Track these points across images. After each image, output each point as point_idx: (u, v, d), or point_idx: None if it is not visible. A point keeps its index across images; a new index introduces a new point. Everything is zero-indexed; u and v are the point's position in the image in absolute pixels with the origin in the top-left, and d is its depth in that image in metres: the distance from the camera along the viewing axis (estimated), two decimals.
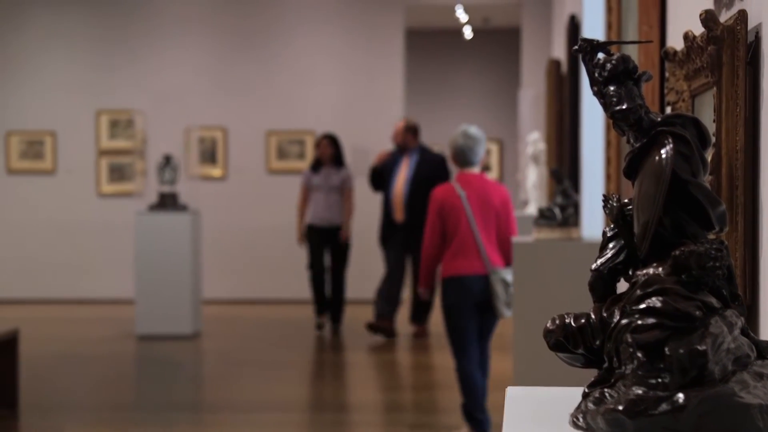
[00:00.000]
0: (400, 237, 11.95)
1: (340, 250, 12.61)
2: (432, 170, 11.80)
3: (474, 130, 7.42)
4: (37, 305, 14.98)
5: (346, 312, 13.02)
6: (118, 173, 15.47)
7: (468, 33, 23.12)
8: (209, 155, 15.41)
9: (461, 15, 20.83)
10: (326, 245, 12.57)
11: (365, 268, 15.17)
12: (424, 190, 11.11)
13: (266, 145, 15.45)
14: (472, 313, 7.10)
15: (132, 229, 12.63)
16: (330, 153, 12.53)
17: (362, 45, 15.45)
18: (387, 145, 15.46)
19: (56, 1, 15.56)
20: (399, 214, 11.88)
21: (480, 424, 7.25)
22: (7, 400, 8.28)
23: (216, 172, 15.44)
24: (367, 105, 15.37)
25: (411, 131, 12.04)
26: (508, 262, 7.12)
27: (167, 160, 12.33)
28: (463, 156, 7.31)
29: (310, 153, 15.46)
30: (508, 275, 7.01)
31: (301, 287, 15.20)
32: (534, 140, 9.68)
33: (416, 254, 11.54)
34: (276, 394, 9.12)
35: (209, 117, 15.33)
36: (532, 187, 9.52)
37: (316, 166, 12.64)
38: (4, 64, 15.50)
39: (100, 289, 15.40)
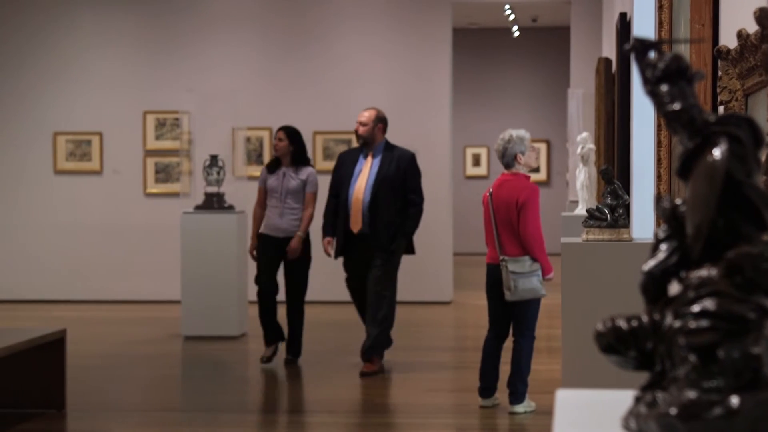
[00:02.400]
0: (358, 252, 9.92)
1: (297, 269, 10.39)
2: (399, 169, 9.82)
3: (507, 132, 8.22)
4: (84, 305, 15.07)
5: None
6: (164, 174, 15.55)
7: (516, 32, 23.08)
8: (256, 155, 15.45)
9: (509, 14, 20.81)
10: (279, 261, 10.43)
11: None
12: (390, 194, 9.75)
13: (313, 146, 15.46)
14: (494, 295, 8.19)
15: (178, 229, 12.68)
16: (286, 149, 10.41)
17: (410, 44, 15.43)
18: (439, 144, 15.45)
19: (103, 2, 15.66)
20: (356, 224, 9.78)
21: (481, 392, 8.35)
22: (54, 401, 8.33)
23: None
24: (414, 105, 15.35)
25: (382, 122, 10.01)
26: (527, 253, 8.03)
27: (213, 160, 12.35)
28: (500, 158, 8.22)
29: None
30: (513, 264, 7.99)
31: None
32: (583, 140, 9.63)
33: (383, 273, 9.86)
34: (323, 396, 9.12)
35: (256, 117, 15.37)
36: (581, 187, 9.47)
37: (273, 165, 10.58)
38: (52, 65, 15.62)
39: (146, 290, 15.47)
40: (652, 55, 1.83)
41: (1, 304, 15.24)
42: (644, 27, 6.92)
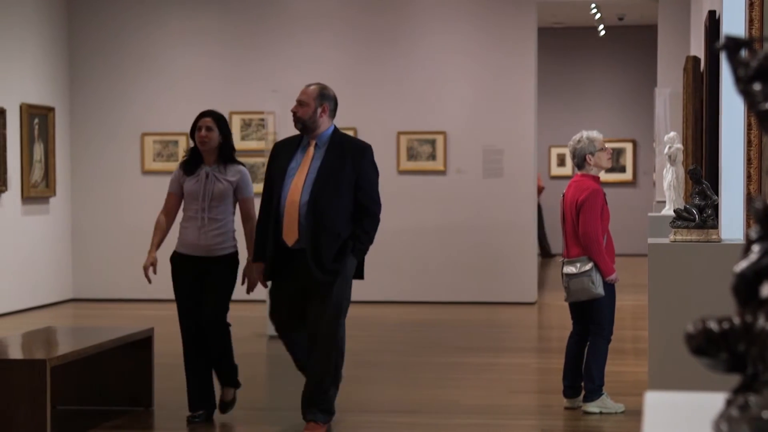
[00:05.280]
0: (293, 274, 7.42)
1: (219, 289, 7.90)
2: (349, 164, 7.46)
3: (580, 134, 8.34)
4: (171, 305, 15.17)
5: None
6: (249, 174, 15.65)
7: (602, 30, 22.92)
8: None
9: (595, 12, 20.66)
10: (198, 285, 7.97)
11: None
12: (336, 196, 7.36)
13: (397, 146, 15.48)
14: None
15: None
16: (216, 140, 7.96)
17: (494, 43, 15.39)
18: (524, 144, 15.38)
19: (189, 3, 15.80)
20: (290, 234, 7.32)
21: (565, 391, 8.39)
22: (141, 398, 8.42)
23: None
24: (499, 104, 15.30)
25: (328, 102, 7.73)
26: (586, 253, 8.09)
27: None
28: (572, 159, 8.40)
29: (440, 154, 15.41)
30: (567, 265, 8.15)
31: (433, 289, 15.22)
32: (670, 140, 9.52)
33: (327, 307, 7.38)
34: (405, 396, 9.11)
35: (339, 117, 15.35)
36: (669, 187, 9.37)
37: (191, 163, 8.05)
38: (139, 66, 15.80)
39: None
40: (743, 53, 1.81)
41: (91, 303, 15.45)
42: (734, 25, 6.82)
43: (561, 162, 23.63)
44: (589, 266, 8.05)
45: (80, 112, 15.85)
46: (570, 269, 8.11)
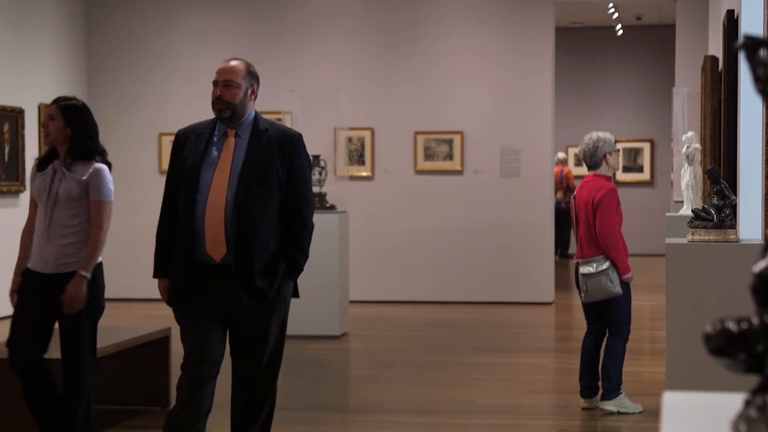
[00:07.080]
0: (216, 293, 5.81)
1: (71, 320, 6.50)
2: (280, 156, 5.93)
3: (594, 134, 8.33)
4: None
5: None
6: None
7: (620, 30, 22.90)
8: (357, 155, 15.50)
9: (613, 12, 20.64)
10: (50, 314, 6.47)
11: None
12: (266, 195, 5.83)
13: (414, 146, 15.47)
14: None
15: None
16: (60, 132, 6.48)
17: (512, 43, 15.37)
18: (541, 144, 15.36)
19: (206, 3, 15.83)
20: (217, 247, 5.75)
21: (582, 392, 8.37)
22: (159, 398, 8.44)
23: (364, 172, 15.53)
24: (516, 104, 15.28)
25: (256, 80, 6.21)
26: (604, 252, 8.08)
27: (315, 160, 12.42)
28: (587, 159, 8.33)
29: (458, 154, 15.40)
30: (583, 266, 8.13)
31: (449, 289, 15.20)
32: (688, 139, 9.50)
33: (266, 341, 6.08)
34: (424, 396, 9.11)
35: (357, 117, 15.42)
36: (687, 187, 9.35)
37: (45, 159, 6.62)
38: (158, 66, 15.83)
39: None
40: (762, 52, 1.80)
41: (108, 303, 15.40)
42: (752, 24, 6.80)
43: (579, 162, 23.59)
44: (606, 265, 8.06)
45: (98, 112, 15.75)
46: (587, 269, 8.11)
